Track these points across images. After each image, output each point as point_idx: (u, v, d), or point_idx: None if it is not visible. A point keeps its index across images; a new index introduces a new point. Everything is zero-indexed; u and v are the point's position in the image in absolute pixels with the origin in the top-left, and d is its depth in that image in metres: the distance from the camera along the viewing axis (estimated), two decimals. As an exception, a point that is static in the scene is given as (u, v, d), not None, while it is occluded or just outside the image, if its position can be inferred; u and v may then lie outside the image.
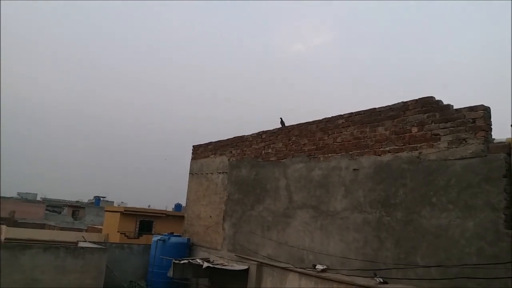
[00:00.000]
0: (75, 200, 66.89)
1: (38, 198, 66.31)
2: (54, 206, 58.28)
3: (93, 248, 12.83)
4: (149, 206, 34.87)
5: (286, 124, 11.98)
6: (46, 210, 50.81)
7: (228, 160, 14.09)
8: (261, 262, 11.02)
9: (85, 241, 15.23)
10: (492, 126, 7.10)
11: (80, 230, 29.94)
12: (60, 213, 54.02)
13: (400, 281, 7.63)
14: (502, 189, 6.54)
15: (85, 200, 65.85)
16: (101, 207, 45.45)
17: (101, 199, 57.98)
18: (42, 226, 33.16)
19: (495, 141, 6.94)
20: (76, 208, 52.62)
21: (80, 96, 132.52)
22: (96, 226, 30.68)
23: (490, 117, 7.12)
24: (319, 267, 9.31)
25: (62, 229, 30.32)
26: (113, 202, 56.71)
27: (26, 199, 58.26)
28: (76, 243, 14.64)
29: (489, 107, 7.12)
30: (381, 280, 7.78)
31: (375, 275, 7.95)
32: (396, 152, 8.33)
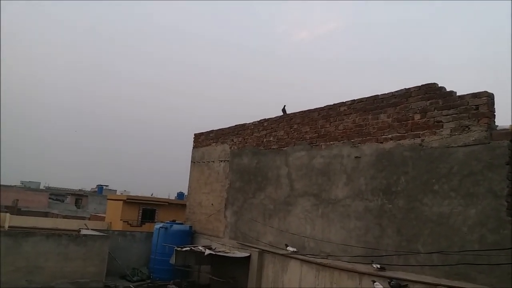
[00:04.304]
0: (78, 188, 67.15)
1: (41, 187, 66.65)
2: (57, 195, 58.43)
3: (95, 236, 12.87)
4: (152, 194, 34.94)
5: (288, 112, 11.91)
6: (49, 198, 50.97)
7: (230, 148, 14.06)
8: (263, 250, 11.06)
9: (88, 229, 15.29)
10: (495, 113, 7.02)
11: (83, 218, 30.08)
12: (63, 201, 54.20)
13: (401, 268, 7.64)
14: (505, 176, 6.49)
15: (88, 189, 66.07)
16: (104, 195, 45.57)
17: (104, 187, 58.13)
18: (45, 215, 33.31)
19: (498, 128, 6.86)
20: (79, 197, 52.80)
21: (84, 90, 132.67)
22: (99, 215, 30.79)
23: (494, 104, 7.03)
24: (290, 248, 10.06)
25: (65, 217, 30.48)
26: (116, 190, 56.92)
27: (30, 188, 58.53)
28: (79, 230, 14.70)
29: (492, 94, 7.03)
30: (379, 267, 7.81)
31: (372, 262, 7.98)
32: (398, 140, 8.28)
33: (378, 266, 7.83)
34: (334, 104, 10.09)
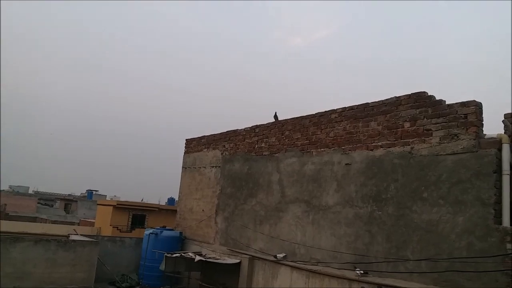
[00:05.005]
0: (67, 193, 66.49)
1: (30, 191, 65.86)
2: (46, 200, 57.73)
3: (84, 241, 12.76)
4: (142, 200, 34.71)
5: (280, 119, 11.97)
6: (38, 203, 50.34)
7: (221, 154, 14.07)
8: (253, 256, 11.05)
9: (77, 234, 15.15)
10: (483, 122, 7.15)
11: (72, 223, 29.77)
12: (52, 206, 53.60)
13: (390, 275, 7.69)
14: (492, 184, 6.60)
15: (78, 194, 65.48)
16: (94, 200, 45.19)
17: (94, 192, 57.64)
18: (34, 220, 32.91)
19: (486, 137, 6.98)
20: (68, 202, 52.27)
21: (72, 92, 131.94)
22: (89, 220, 30.50)
23: (482, 113, 7.16)
24: (279, 256, 10.17)
25: (54, 222, 30.15)
26: (106, 195, 56.41)
27: (18, 192, 57.82)
28: (68, 236, 14.56)
29: (480, 103, 7.16)
30: (362, 272, 7.88)
31: (355, 268, 8.04)
32: (388, 147, 8.36)
33: (362, 271, 7.89)
34: (325, 111, 10.17)
